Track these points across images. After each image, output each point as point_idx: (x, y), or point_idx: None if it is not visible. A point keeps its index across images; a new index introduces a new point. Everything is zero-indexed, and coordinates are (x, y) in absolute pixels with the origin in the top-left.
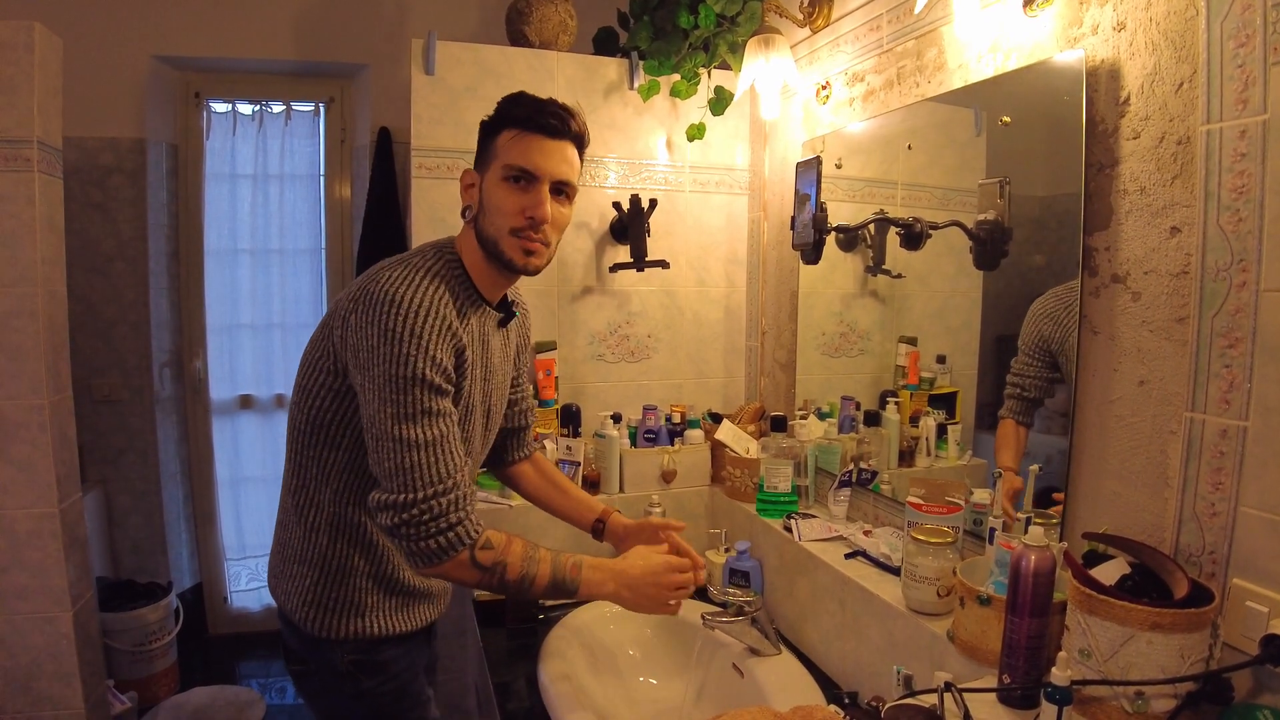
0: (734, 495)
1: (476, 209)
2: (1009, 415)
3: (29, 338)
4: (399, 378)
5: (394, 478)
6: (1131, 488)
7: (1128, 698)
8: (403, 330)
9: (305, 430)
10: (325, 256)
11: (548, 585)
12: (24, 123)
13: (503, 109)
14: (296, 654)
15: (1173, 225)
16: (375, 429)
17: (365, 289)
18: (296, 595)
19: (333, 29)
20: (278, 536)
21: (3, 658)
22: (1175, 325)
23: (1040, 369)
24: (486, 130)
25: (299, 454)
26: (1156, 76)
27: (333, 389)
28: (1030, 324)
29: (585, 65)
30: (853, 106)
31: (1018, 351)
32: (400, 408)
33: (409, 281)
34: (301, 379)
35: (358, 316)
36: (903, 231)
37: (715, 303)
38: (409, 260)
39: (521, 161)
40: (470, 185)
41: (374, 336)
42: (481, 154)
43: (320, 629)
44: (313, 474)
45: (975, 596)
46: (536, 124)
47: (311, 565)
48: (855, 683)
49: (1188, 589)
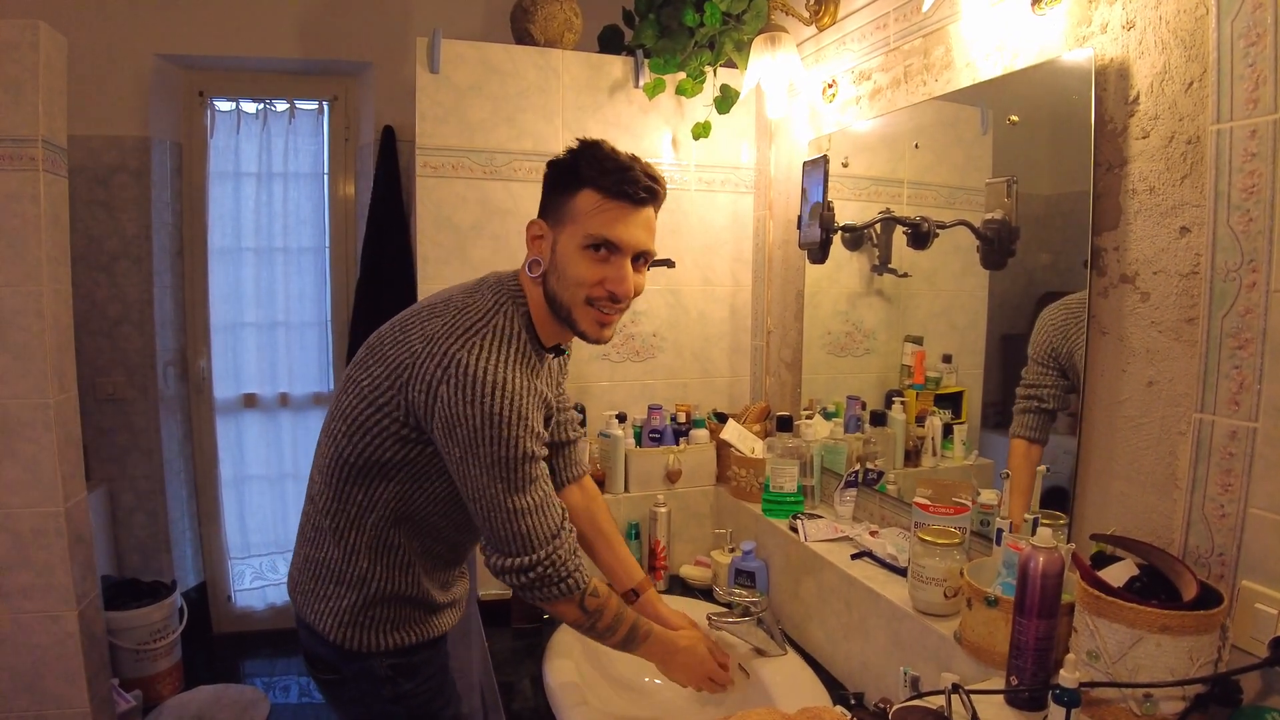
0: (739, 495)
1: (546, 266)
2: (1021, 433)
3: (34, 336)
4: (509, 459)
5: (512, 543)
6: (1140, 489)
7: (1136, 700)
8: (510, 415)
9: (357, 465)
10: (329, 255)
11: (622, 638)
12: (29, 122)
13: (585, 168)
14: (327, 663)
15: (1182, 225)
16: (484, 501)
17: (456, 360)
18: (331, 615)
19: (337, 27)
20: (306, 554)
21: (8, 656)
22: (1184, 326)
23: (1055, 378)
24: (562, 182)
25: (344, 483)
26: (1166, 75)
27: (399, 436)
28: (1040, 333)
29: (590, 63)
30: (859, 105)
31: (1028, 361)
32: (511, 484)
33: (505, 360)
34: (359, 414)
35: (451, 392)
36: (910, 231)
37: (720, 302)
38: (494, 323)
39: (606, 233)
40: (539, 237)
41: (477, 418)
42: (554, 207)
43: (359, 644)
44: (357, 500)
45: (983, 598)
46: (624, 194)
47: (351, 586)
48: (861, 684)
49: (1196, 591)
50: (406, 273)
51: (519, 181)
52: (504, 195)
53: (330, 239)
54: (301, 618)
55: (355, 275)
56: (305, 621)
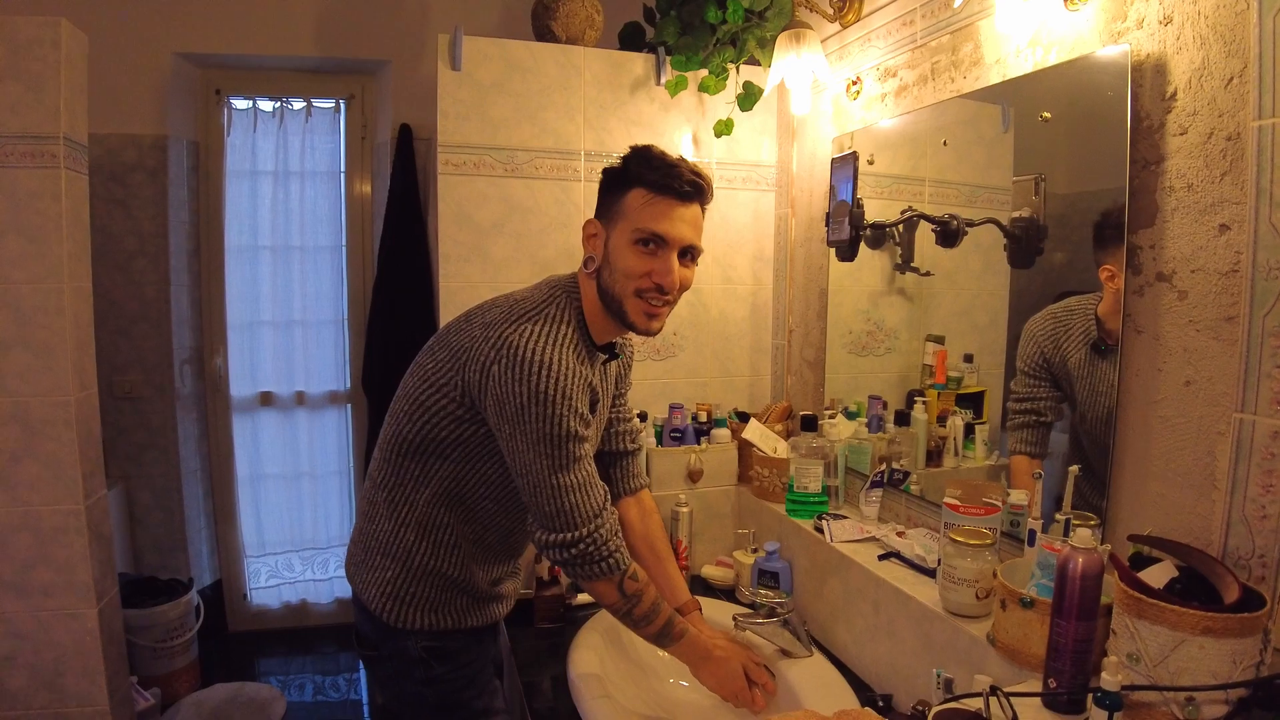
0: (762, 495)
1: (599, 262)
2: (1021, 449)
3: (55, 334)
4: (554, 435)
5: (556, 518)
6: (1176, 489)
7: (1178, 703)
8: (555, 394)
9: (415, 442)
10: (346, 253)
11: (658, 630)
12: (51, 119)
13: (635, 168)
14: (369, 640)
15: (1221, 223)
16: (531, 476)
17: (509, 342)
18: (375, 586)
19: (354, 25)
20: (361, 527)
21: (30, 654)
22: (1224, 324)
23: (1048, 389)
24: (614, 184)
25: (402, 459)
26: (1205, 71)
27: (455, 416)
28: (1028, 344)
29: (612, 60)
30: (884, 102)
31: (1017, 374)
32: (555, 460)
33: (554, 342)
34: (420, 394)
35: (502, 371)
36: (939, 229)
37: (742, 300)
38: (545, 312)
39: (653, 226)
40: (593, 235)
41: (524, 396)
42: (607, 206)
43: (396, 619)
44: (413, 475)
45: (1018, 599)
46: (670, 189)
47: (395, 559)
48: (889, 686)
49: (1239, 593)
50: (424, 270)
51: (540, 179)
52: (525, 193)
53: (347, 237)
54: (355, 593)
55: (372, 274)
56: (357, 595)
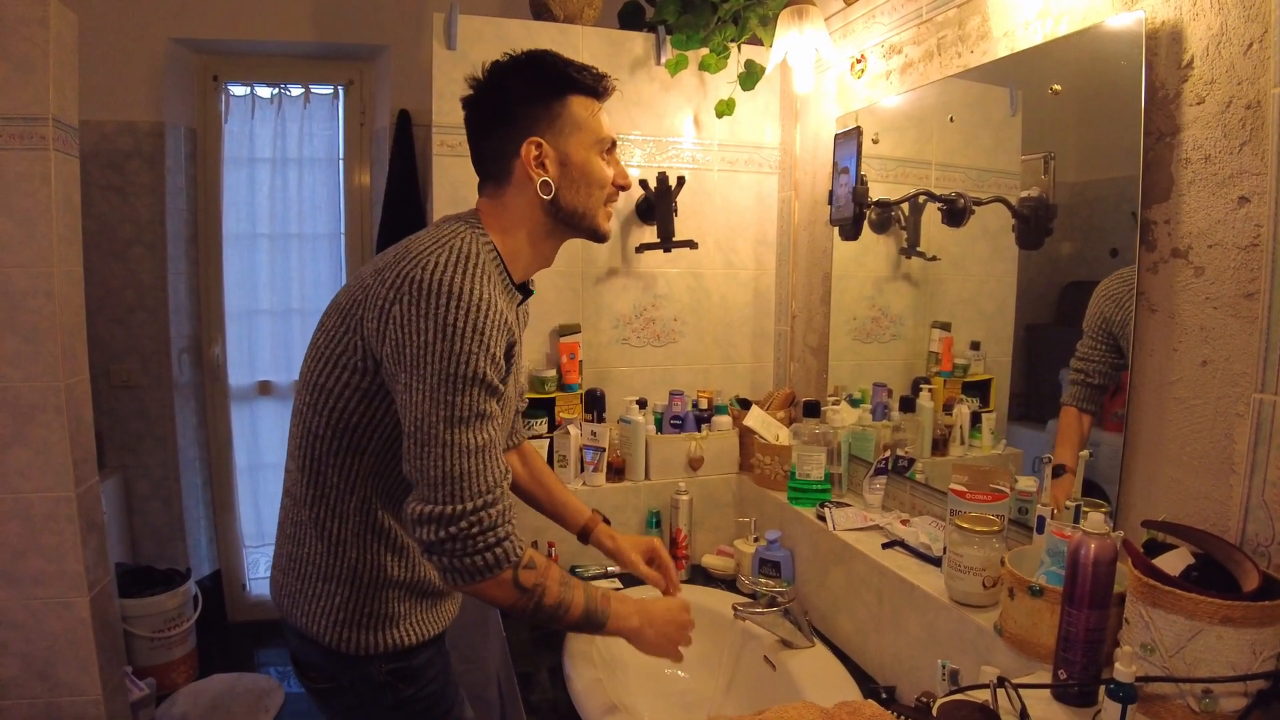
0: (763, 483)
1: (557, 182)
2: (1071, 402)
3: (45, 318)
4: (457, 376)
5: (440, 486)
6: (1192, 474)
7: (1194, 695)
8: (464, 325)
9: (325, 436)
10: (344, 241)
11: (581, 615)
12: (39, 100)
13: (563, 72)
14: (322, 671)
15: (1241, 195)
16: (421, 433)
17: (410, 277)
18: (324, 616)
19: (352, 10)
20: (288, 552)
21: (20, 643)
22: (1243, 301)
23: (1105, 353)
24: (544, 91)
25: (316, 462)
26: (1223, 38)
27: (359, 389)
28: (1095, 304)
29: (611, 40)
30: (889, 80)
31: (1083, 335)
32: (454, 409)
33: (464, 271)
34: (317, 377)
35: (404, 308)
36: (945, 207)
37: (744, 285)
38: (448, 243)
39: (609, 132)
40: (540, 155)
41: (429, 331)
42: (546, 119)
43: (355, 646)
44: (333, 483)
45: (1026, 587)
46: (603, 90)
47: (341, 582)
48: (892, 677)
49: (1259, 581)
50: None
51: None
52: None
53: (345, 225)
54: (290, 622)
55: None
56: (294, 626)
